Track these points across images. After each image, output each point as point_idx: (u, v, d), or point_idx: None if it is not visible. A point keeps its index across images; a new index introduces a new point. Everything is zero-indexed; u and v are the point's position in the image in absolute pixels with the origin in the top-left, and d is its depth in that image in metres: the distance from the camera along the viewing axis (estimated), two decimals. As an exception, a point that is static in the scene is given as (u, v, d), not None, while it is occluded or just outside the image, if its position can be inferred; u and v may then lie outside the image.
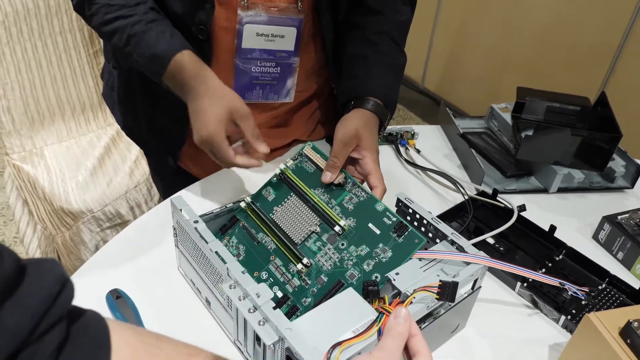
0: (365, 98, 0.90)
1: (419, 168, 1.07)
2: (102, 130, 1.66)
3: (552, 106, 1.12)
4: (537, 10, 2.37)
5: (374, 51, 0.94)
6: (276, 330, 0.55)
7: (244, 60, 0.92)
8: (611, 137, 1.03)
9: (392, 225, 0.70)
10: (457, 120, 1.19)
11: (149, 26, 0.82)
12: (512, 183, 1.07)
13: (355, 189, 0.77)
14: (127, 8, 0.83)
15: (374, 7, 0.95)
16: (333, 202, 0.77)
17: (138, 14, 0.82)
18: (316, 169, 0.81)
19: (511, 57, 2.57)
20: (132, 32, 0.82)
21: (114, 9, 0.83)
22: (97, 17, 0.84)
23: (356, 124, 0.84)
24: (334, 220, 0.74)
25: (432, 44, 2.98)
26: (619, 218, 0.93)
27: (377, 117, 0.89)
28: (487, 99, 2.64)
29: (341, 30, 0.97)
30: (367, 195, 0.76)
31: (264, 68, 0.94)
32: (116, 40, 0.84)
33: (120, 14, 0.83)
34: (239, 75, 0.93)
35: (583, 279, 0.84)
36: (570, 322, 0.75)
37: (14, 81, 1.47)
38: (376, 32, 0.95)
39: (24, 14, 1.43)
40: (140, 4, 0.83)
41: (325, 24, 0.93)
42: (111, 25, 0.83)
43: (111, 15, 0.83)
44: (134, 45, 0.82)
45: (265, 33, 0.90)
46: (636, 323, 0.60)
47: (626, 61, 2.13)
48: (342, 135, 0.83)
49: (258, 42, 0.90)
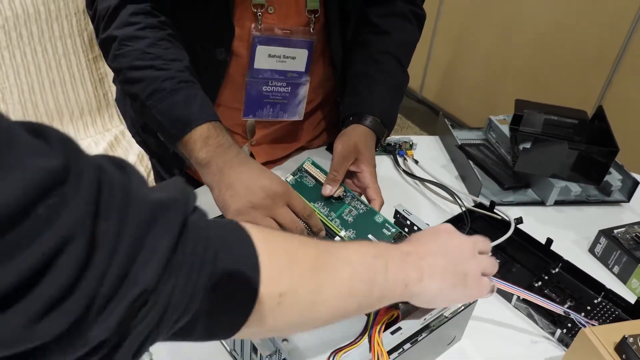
0: (364, 115, 0.91)
1: (417, 179, 1.08)
2: (101, 136, 1.66)
3: (549, 119, 1.12)
4: (536, 21, 2.38)
5: (378, 70, 0.96)
6: (273, 342, 0.55)
7: (255, 79, 0.92)
8: (608, 151, 1.03)
9: (391, 236, 0.71)
10: (455, 132, 1.20)
11: (181, 86, 0.77)
12: (509, 195, 1.07)
13: (354, 202, 0.79)
14: (162, 60, 0.78)
15: (381, 27, 0.97)
16: (333, 215, 0.78)
17: (172, 70, 0.78)
18: (316, 183, 0.83)
19: (509, 67, 2.58)
20: (160, 87, 0.77)
21: (147, 57, 0.78)
22: (125, 60, 0.79)
23: (355, 139, 0.87)
24: (334, 231, 0.75)
25: (431, 53, 2.99)
26: (615, 232, 0.94)
27: (374, 134, 0.91)
28: (486, 108, 2.66)
29: (349, 47, 0.99)
30: (366, 207, 0.78)
31: (275, 87, 0.94)
32: (138, 89, 0.78)
33: (154, 64, 0.78)
34: (249, 94, 0.93)
35: (579, 292, 0.84)
36: (566, 335, 0.76)
37: (13, 85, 1.47)
38: (381, 52, 0.97)
39: (24, 19, 1.44)
40: (176, 60, 0.79)
41: (335, 45, 0.96)
42: (139, 72, 0.78)
43: (142, 63, 0.78)
44: (157, 100, 0.77)
45: (277, 54, 0.90)
46: (631, 339, 0.60)
47: (624, 74, 2.15)
48: (342, 150, 0.85)
49: (270, 63, 0.91)
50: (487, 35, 2.64)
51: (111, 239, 0.31)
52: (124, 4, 0.79)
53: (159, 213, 0.35)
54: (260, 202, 0.71)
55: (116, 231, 0.31)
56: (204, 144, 0.75)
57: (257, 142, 1.04)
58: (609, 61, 2.16)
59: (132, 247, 0.32)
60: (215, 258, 0.38)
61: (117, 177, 0.34)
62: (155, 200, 0.35)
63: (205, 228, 0.39)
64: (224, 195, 0.73)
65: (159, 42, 0.79)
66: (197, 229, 0.37)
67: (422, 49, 3.00)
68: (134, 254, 0.32)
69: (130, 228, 0.32)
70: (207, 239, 0.38)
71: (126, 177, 0.34)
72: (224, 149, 0.75)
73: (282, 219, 0.72)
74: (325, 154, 1.12)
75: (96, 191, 0.31)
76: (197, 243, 0.37)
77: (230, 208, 0.72)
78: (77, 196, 0.30)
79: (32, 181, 0.27)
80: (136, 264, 0.32)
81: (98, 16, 0.81)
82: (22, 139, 0.29)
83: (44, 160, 0.28)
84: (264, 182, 0.72)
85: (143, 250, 0.33)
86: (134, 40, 0.78)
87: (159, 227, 0.34)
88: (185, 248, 0.36)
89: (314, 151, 1.13)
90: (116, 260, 0.31)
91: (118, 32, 0.78)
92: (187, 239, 0.36)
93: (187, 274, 0.36)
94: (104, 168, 0.33)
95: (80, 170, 0.30)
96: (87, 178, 0.31)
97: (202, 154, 0.74)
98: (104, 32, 0.80)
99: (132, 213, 0.33)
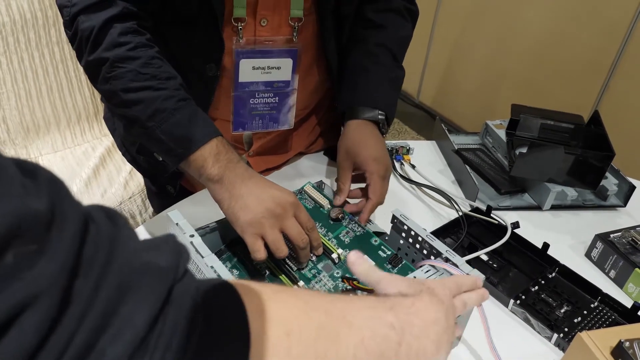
0: (360, 108, 0.93)
1: (414, 184, 1.08)
2: (97, 141, 1.66)
3: (546, 124, 1.13)
4: (532, 27, 2.39)
5: (374, 62, 0.97)
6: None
7: (242, 93, 0.92)
8: (604, 155, 1.04)
9: (387, 258, 0.74)
10: (452, 136, 1.20)
11: (180, 104, 0.76)
12: (506, 200, 1.07)
13: (351, 224, 0.82)
14: (157, 80, 0.76)
15: (378, 22, 0.98)
16: (330, 235, 0.81)
17: (169, 89, 0.77)
18: (315, 204, 0.86)
19: (506, 73, 2.59)
20: (161, 107, 0.75)
21: (143, 78, 0.76)
22: (118, 82, 0.76)
23: (346, 144, 0.89)
24: (330, 249, 0.77)
25: (428, 58, 3.00)
26: (612, 236, 0.94)
27: (373, 124, 0.92)
28: (482, 113, 2.67)
29: (344, 48, 0.99)
30: (363, 230, 0.81)
31: (262, 99, 0.94)
32: (137, 111, 0.76)
33: (150, 84, 0.76)
34: (237, 108, 0.93)
35: (575, 297, 0.84)
36: (563, 340, 0.76)
37: (10, 91, 1.47)
38: (376, 44, 0.98)
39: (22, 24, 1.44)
40: (171, 78, 0.78)
41: (331, 50, 0.96)
42: (136, 94, 0.76)
43: (138, 84, 0.76)
44: (160, 121, 0.75)
45: (261, 66, 0.90)
46: (627, 343, 0.60)
47: (620, 79, 2.15)
48: (339, 160, 0.89)
49: (255, 75, 0.90)
50: (484, 41, 2.65)
51: (84, 301, 0.28)
52: (109, 24, 0.76)
53: (142, 279, 0.31)
54: (270, 211, 0.72)
55: (92, 293, 0.28)
56: (215, 160, 0.75)
57: (254, 152, 1.04)
58: (605, 67, 2.17)
59: (104, 315, 0.29)
60: (201, 332, 0.34)
61: (105, 229, 0.31)
62: (141, 263, 0.32)
63: (193, 296, 0.34)
64: (234, 207, 0.73)
65: (151, 61, 0.77)
66: (182, 298, 0.33)
67: (420, 55, 3.01)
68: (105, 324, 0.29)
69: (106, 291, 0.29)
70: (192, 309, 0.34)
71: (115, 231, 0.32)
72: (234, 164, 0.76)
73: (290, 230, 0.73)
74: (322, 159, 1.13)
75: (79, 242, 0.28)
76: (180, 316, 0.33)
77: (240, 219, 0.72)
78: (58, 246, 0.27)
79: (13, 217, 0.25)
80: (106, 334, 0.29)
81: (80, 37, 0.77)
82: (9, 171, 0.26)
83: (29, 199, 0.26)
84: (274, 193, 0.73)
85: (116, 320, 0.29)
86: (127, 61, 0.76)
87: (139, 296, 0.30)
88: (166, 321, 0.32)
89: (312, 156, 1.14)
90: (85, 327, 0.28)
91: (108, 53, 0.75)
92: (168, 311, 0.32)
93: (164, 350, 0.31)
94: (93, 217, 0.31)
95: (65, 217, 0.28)
96: (72, 226, 0.28)
97: (215, 170, 0.74)
98: (90, 55, 0.77)
99: (113, 274, 0.30)
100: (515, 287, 0.85)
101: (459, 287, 0.59)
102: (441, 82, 3.01)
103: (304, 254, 0.75)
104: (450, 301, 0.55)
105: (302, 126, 1.09)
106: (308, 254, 0.75)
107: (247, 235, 0.72)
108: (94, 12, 0.75)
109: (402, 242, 0.80)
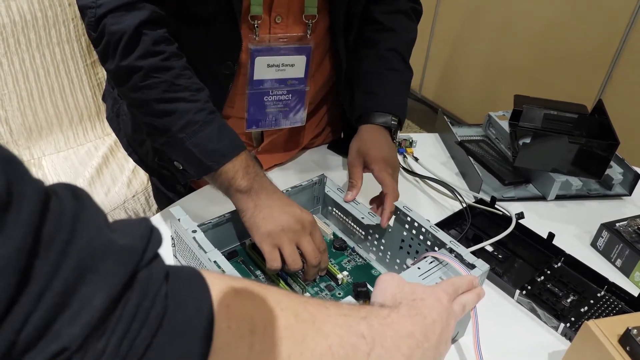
0: (374, 113, 0.95)
1: (417, 176, 1.07)
2: (100, 140, 1.66)
3: (549, 114, 1.12)
4: (534, 19, 2.38)
5: (387, 68, 0.98)
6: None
7: (256, 90, 0.92)
8: (608, 144, 1.03)
9: None
10: (455, 128, 1.20)
11: (211, 117, 0.77)
12: (510, 191, 1.07)
13: (353, 255, 0.84)
14: (190, 91, 0.77)
15: (387, 25, 0.99)
16: (333, 261, 0.82)
17: (201, 101, 0.77)
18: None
19: (508, 65, 2.58)
20: (193, 119, 0.76)
21: (177, 89, 0.76)
22: (152, 92, 0.76)
23: (358, 145, 0.91)
24: (332, 272, 0.79)
25: (429, 52, 2.99)
26: (617, 225, 0.93)
27: (385, 129, 0.94)
28: (485, 106, 2.65)
29: (354, 46, 1.00)
30: (364, 261, 0.83)
31: (276, 96, 0.95)
32: (169, 122, 0.76)
33: (184, 96, 0.76)
34: (251, 105, 0.94)
35: (581, 286, 0.84)
36: (569, 329, 0.75)
37: (12, 92, 1.47)
38: (388, 49, 0.99)
39: (22, 25, 1.44)
40: (201, 90, 0.78)
41: (340, 47, 0.97)
42: (170, 105, 0.76)
43: (172, 95, 0.76)
44: (192, 133, 0.76)
45: (275, 63, 0.91)
46: (635, 330, 0.60)
47: (623, 69, 2.14)
48: (349, 159, 0.90)
49: (269, 72, 0.91)
50: (485, 34, 2.64)
51: (43, 280, 0.27)
52: (141, 31, 0.75)
53: (104, 259, 0.30)
54: (290, 226, 0.74)
55: (51, 272, 0.28)
56: (245, 172, 0.76)
57: (262, 149, 1.05)
58: (607, 57, 2.16)
59: (62, 295, 0.28)
60: (163, 321, 0.33)
61: (69, 207, 0.30)
62: (104, 243, 0.31)
63: (159, 282, 0.34)
64: (257, 217, 0.75)
65: (184, 72, 0.77)
66: (147, 283, 0.33)
67: (421, 49, 2.99)
68: (63, 303, 0.28)
69: (65, 271, 0.28)
70: (155, 296, 0.33)
71: (79, 209, 0.31)
72: (260, 177, 0.78)
73: (305, 247, 0.75)
74: (325, 153, 1.12)
75: (38, 221, 0.28)
76: (142, 301, 0.32)
77: (261, 229, 0.74)
78: (14, 226, 0.26)
79: None
80: (63, 315, 0.28)
81: (108, 41, 0.75)
82: None
83: None
84: (295, 210, 0.76)
85: (74, 300, 0.28)
86: (162, 71, 0.75)
87: (99, 277, 0.30)
88: (127, 305, 0.31)
89: (316, 149, 1.13)
90: (42, 306, 0.27)
91: (143, 62, 0.75)
92: (130, 296, 0.31)
93: (123, 334, 0.31)
94: (58, 195, 0.30)
95: (23, 197, 0.27)
96: (30, 206, 0.27)
97: (245, 182, 0.76)
98: (122, 60, 0.75)
99: (73, 253, 0.29)
100: (521, 277, 0.85)
101: (457, 290, 0.58)
102: (443, 76, 3.00)
103: (313, 272, 0.76)
104: (449, 306, 0.55)
105: (309, 121, 1.09)
106: (316, 272, 0.77)
107: (265, 244, 0.73)
108: (123, 15, 0.74)
109: (405, 233, 0.79)
